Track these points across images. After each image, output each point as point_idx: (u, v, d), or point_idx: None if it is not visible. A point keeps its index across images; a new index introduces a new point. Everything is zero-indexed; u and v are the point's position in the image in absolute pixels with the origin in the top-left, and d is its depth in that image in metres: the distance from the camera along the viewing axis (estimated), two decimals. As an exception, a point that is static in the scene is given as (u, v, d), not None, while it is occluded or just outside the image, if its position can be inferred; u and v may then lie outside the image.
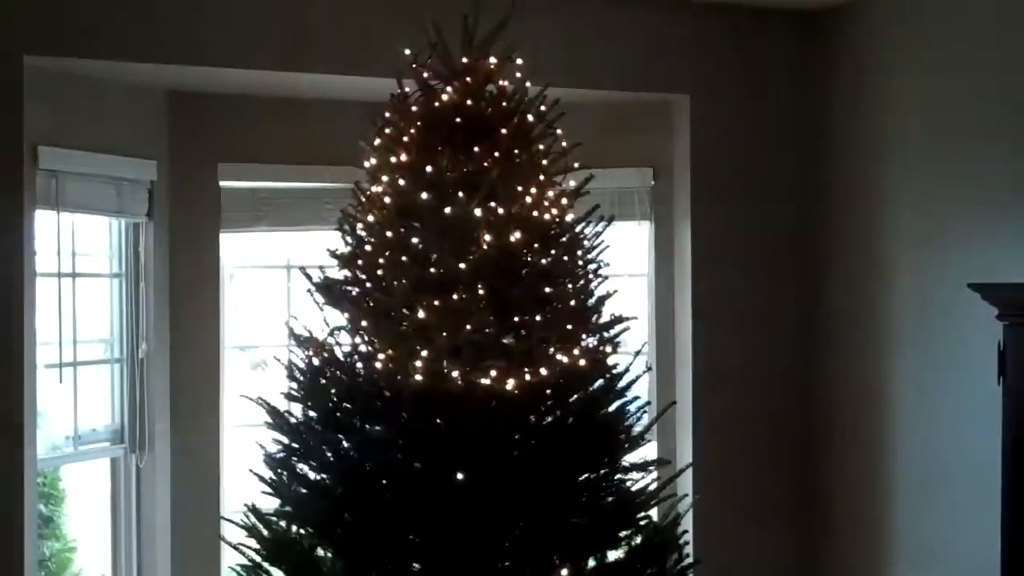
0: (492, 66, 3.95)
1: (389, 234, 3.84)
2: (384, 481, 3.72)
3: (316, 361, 3.88)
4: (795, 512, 5.84)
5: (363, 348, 3.85)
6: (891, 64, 5.39)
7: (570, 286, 3.93)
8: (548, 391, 3.78)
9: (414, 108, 3.95)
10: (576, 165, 4.01)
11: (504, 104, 3.95)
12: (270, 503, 3.92)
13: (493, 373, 3.65)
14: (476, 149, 3.85)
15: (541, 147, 3.99)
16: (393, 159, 3.90)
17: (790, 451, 5.83)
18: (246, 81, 5.33)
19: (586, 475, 3.89)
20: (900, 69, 5.34)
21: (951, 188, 5.04)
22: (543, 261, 3.87)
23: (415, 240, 3.80)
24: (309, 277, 3.96)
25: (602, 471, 3.92)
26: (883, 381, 5.42)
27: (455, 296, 3.70)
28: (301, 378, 3.90)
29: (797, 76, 5.83)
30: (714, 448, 5.63)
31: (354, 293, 3.89)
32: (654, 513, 4.07)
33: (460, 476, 3.64)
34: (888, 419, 5.39)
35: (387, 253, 3.82)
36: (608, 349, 3.99)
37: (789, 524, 5.84)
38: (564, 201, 3.98)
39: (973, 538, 4.67)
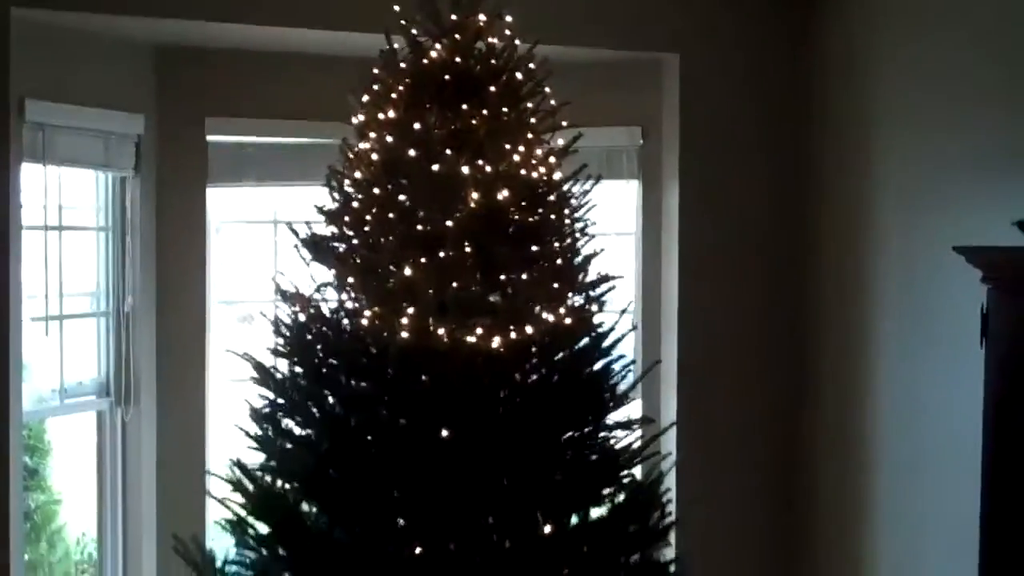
0: (481, 23, 3.94)
1: (376, 191, 3.83)
2: (369, 437, 3.74)
3: (302, 317, 3.89)
4: (777, 471, 5.87)
5: (349, 305, 3.86)
6: (885, 25, 5.37)
7: (557, 245, 3.93)
8: (533, 349, 3.79)
9: (403, 65, 3.93)
10: (564, 124, 4.00)
11: (493, 62, 3.94)
12: (255, 458, 3.93)
13: (479, 331, 3.66)
14: (464, 106, 3.84)
15: (530, 105, 3.99)
16: (381, 116, 3.89)
17: (773, 411, 5.85)
18: (235, 36, 5.31)
19: (570, 433, 3.91)
20: (894, 31, 5.33)
21: (940, 150, 5.04)
22: (530, 219, 3.87)
23: (402, 197, 3.80)
24: (296, 233, 3.96)
25: (586, 429, 3.94)
26: (868, 342, 5.44)
27: (442, 254, 3.71)
28: (287, 334, 3.91)
29: (788, 35, 5.80)
30: (698, 407, 5.65)
31: (341, 249, 3.89)
32: (637, 471, 4.10)
33: (445, 433, 3.66)
34: (873, 379, 5.42)
35: (374, 210, 3.82)
36: (594, 308, 4.01)
37: (771, 483, 5.87)
38: (552, 160, 3.98)
39: (956, 497, 4.70)
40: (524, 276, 3.79)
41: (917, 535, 5.13)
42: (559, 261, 3.91)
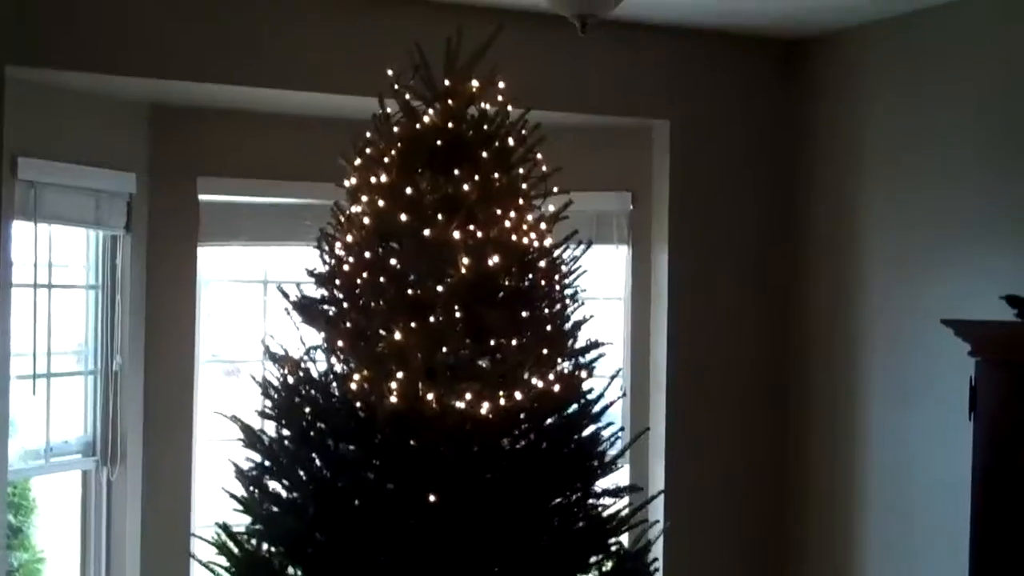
0: (474, 89, 3.96)
1: (367, 254, 3.83)
2: (356, 501, 3.72)
3: (291, 380, 3.88)
4: (766, 540, 5.84)
5: (338, 368, 3.85)
6: (869, 94, 5.42)
7: (547, 310, 3.94)
8: (522, 415, 3.78)
9: (395, 129, 3.95)
10: (555, 189, 4.02)
11: (485, 127, 3.96)
12: (241, 520, 3.90)
13: (468, 396, 3.66)
14: (456, 172, 3.85)
15: (521, 171, 4.00)
16: (373, 179, 3.90)
17: (762, 480, 5.83)
18: (228, 96, 5.32)
19: (558, 499, 3.90)
20: (878, 99, 5.38)
21: (926, 220, 5.08)
22: (520, 285, 3.87)
23: (393, 261, 3.80)
24: (286, 295, 3.96)
25: (574, 496, 3.92)
26: (855, 414, 5.44)
27: (432, 318, 3.71)
28: (275, 396, 3.90)
29: (776, 103, 5.85)
30: (686, 475, 5.63)
31: (331, 313, 3.89)
32: (625, 539, 4.08)
33: (432, 498, 3.64)
34: (860, 452, 5.41)
35: (365, 273, 3.82)
36: (583, 374, 4.00)
37: (760, 553, 5.84)
38: (543, 225, 3.99)
39: (942, 570, 4.69)
40: (514, 342, 3.79)
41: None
42: (549, 327, 3.91)
